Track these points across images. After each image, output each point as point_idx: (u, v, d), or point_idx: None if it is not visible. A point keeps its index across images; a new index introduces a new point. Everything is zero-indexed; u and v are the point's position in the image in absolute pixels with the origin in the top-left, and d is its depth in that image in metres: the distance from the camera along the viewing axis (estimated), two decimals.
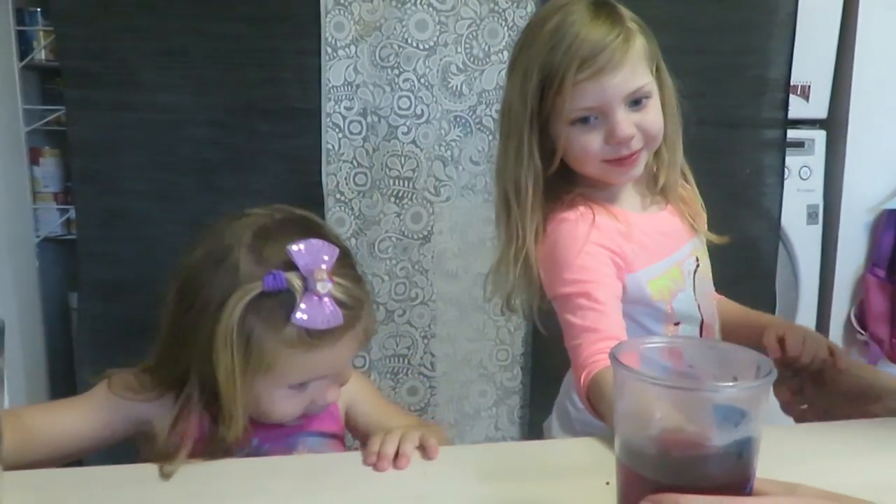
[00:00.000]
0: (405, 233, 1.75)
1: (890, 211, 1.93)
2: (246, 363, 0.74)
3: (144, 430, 0.81)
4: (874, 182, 1.93)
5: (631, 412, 0.47)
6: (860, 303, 1.96)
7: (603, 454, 0.75)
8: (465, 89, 1.72)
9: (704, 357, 0.50)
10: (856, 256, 1.96)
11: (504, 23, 1.70)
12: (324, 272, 0.74)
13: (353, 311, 0.78)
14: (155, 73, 1.61)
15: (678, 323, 0.95)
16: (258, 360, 0.75)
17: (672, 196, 0.99)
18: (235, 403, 0.75)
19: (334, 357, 0.79)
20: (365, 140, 1.71)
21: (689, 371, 0.49)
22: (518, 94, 0.88)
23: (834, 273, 1.96)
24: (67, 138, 1.63)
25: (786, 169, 1.87)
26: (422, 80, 1.69)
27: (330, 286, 0.74)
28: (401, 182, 1.73)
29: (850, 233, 1.95)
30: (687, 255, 0.98)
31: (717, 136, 1.79)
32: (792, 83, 1.82)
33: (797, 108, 1.87)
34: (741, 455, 0.44)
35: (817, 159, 1.94)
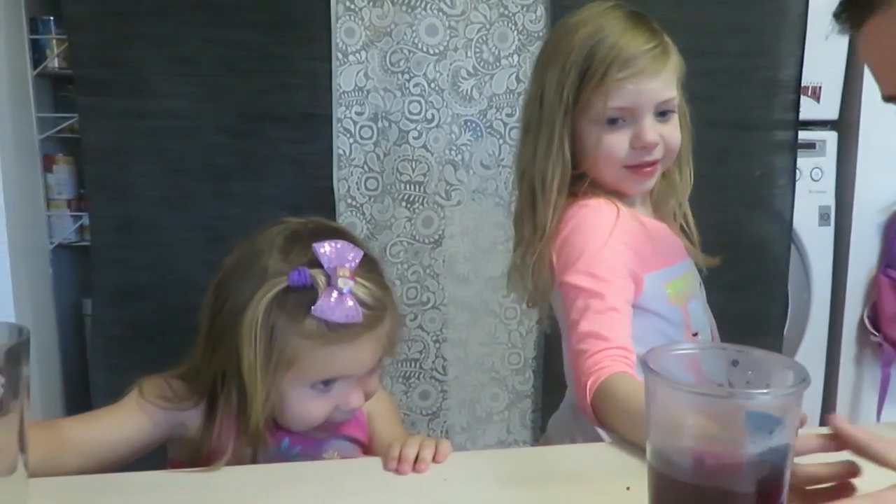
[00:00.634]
0: (416, 237, 1.75)
1: None
2: (269, 357, 0.76)
3: (177, 435, 0.82)
4: (886, 183, 1.93)
5: (663, 420, 0.46)
6: (873, 304, 1.95)
7: (623, 459, 0.75)
8: (476, 93, 1.72)
9: (738, 363, 0.49)
10: (868, 257, 1.95)
11: (514, 27, 1.70)
12: (346, 270, 0.77)
13: (375, 312, 0.79)
14: (167, 81, 1.62)
15: (696, 333, 0.94)
16: (280, 354, 0.76)
17: (668, 215, 1.00)
18: (256, 398, 0.76)
19: (354, 356, 0.80)
20: (376, 145, 1.71)
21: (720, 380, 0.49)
22: (554, 87, 0.88)
23: (846, 274, 1.95)
24: (80, 145, 1.64)
25: (797, 170, 1.86)
26: (432, 85, 1.70)
27: (351, 283, 0.77)
28: (412, 186, 1.73)
29: (863, 234, 1.94)
30: (692, 268, 0.99)
31: (728, 138, 1.79)
32: (803, 84, 1.81)
33: (808, 110, 1.87)
34: (776, 463, 0.44)
35: (829, 160, 1.94)
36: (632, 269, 0.88)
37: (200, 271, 0.97)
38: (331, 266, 0.76)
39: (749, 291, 1.81)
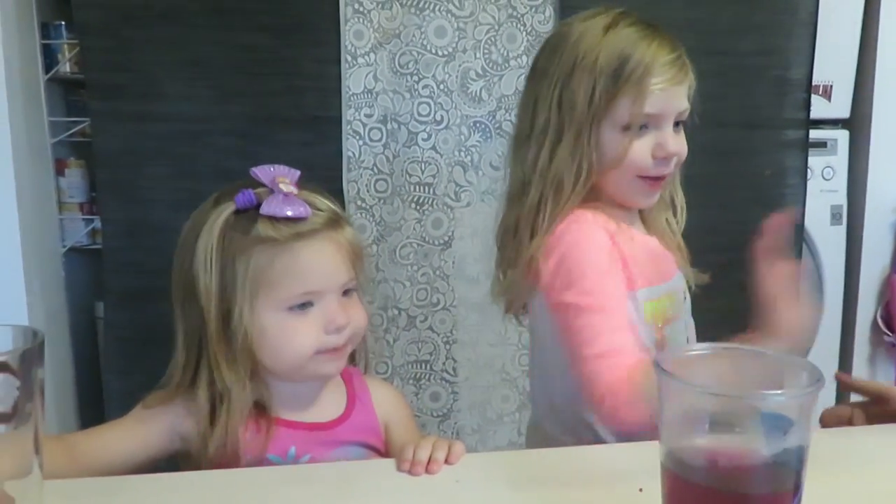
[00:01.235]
0: (426, 238, 1.75)
1: None
2: (231, 280, 0.76)
3: (184, 449, 0.82)
4: None
5: (677, 421, 0.46)
6: (886, 304, 1.93)
7: (636, 461, 0.74)
8: (485, 95, 1.72)
9: (751, 364, 0.49)
10: (881, 257, 1.94)
11: (523, 28, 1.70)
12: (286, 179, 0.78)
13: (327, 214, 0.80)
14: (177, 84, 1.63)
15: None
16: (244, 274, 0.76)
17: (659, 230, 0.99)
18: (213, 341, 0.76)
19: (319, 261, 0.78)
20: (385, 147, 1.72)
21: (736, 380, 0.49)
22: (583, 91, 0.87)
23: (859, 274, 1.94)
24: (92, 149, 1.65)
25: (808, 170, 1.85)
26: (441, 87, 1.70)
27: (294, 189, 0.78)
28: (421, 188, 1.73)
29: (875, 233, 1.93)
30: (679, 286, 0.97)
31: (739, 138, 1.78)
32: (814, 83, 1.81)
33: (819, 108, 1.86)
34: (790, 464, 0.44)
35: (840, 159, 1.93)
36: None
37: None
38: (271, 179, 0.77)
39: None
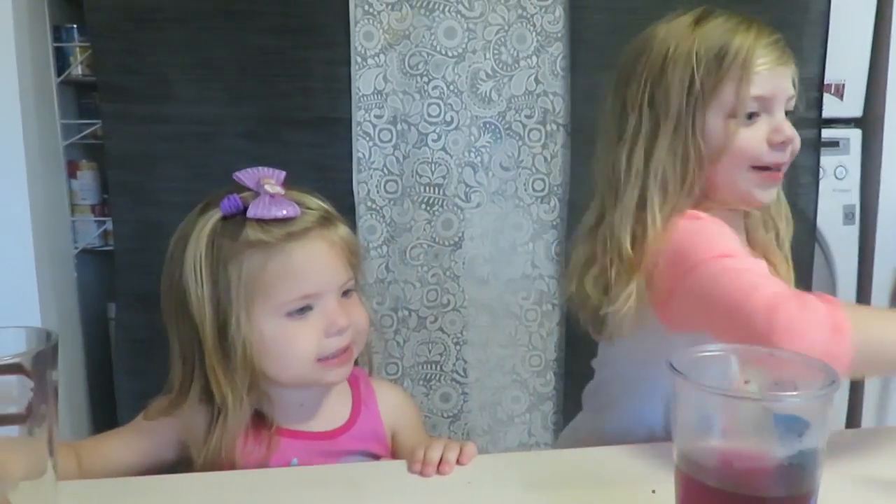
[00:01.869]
0: (436, 239, 1.75)
1: None
2: (224, 290, 0.74)
3: (185, 453, 0.81)
4: None
5: (691, 423, 0.46)
6: None
7: (648, 462, 0.74)
8: (495, 95, 1.71)
9: (765, 365, 0.49)
10: (894, 256, 1.92)
11: (532, 28, 1.70)
12: (271, 180, 0.76)
13: (318, 212, 0.77)
14: (188, 86, 1.63)
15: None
16: (235, 281, 0.74)
17: (759, 248, 0.93)
18: (210, 353, 0.74)
19: (313, 262, 0.75)
20: (395, 148, 1.72)
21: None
22: (678, 84, 0.84)
23: (872, 274, 1.92)
24: (104, 151, 1.66)
25: (821, 169, 1.84)
26: (451, 87, 1.70)
27: (280, 189, 0.76)
28: (431, 189, 1.73)
29: (888, 233, 1.91)
30: None
31: None
32: (826, 81, 1.79)
33: (831, 107, 1.84)
34: (805, 466, 0.44)
35: (853, 158, 1.91)
36: None
37: None
38: (255, 182, 0.75)
39: None
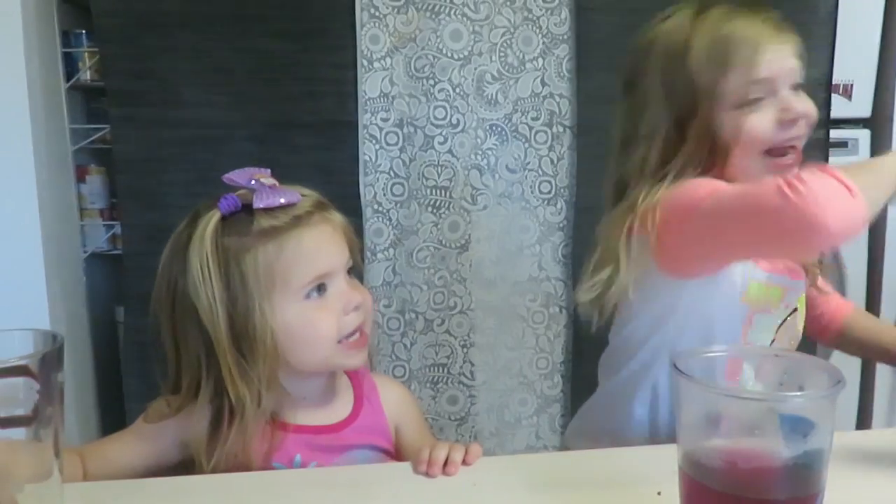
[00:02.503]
0: (443, 242, 1.75)
1: None
2: (239, 285, 0.74)
3: (188, 454, 0.81)
4: None
5: (695, 423, 0.46)
6: None
7: (653, 464, 0.74)
8: (501, 98, 1.72)
9: (770, 366, 0.48)
10: None
11: (538, 30, 1.70)
12: (263, 175, 0.78)
13: (312, 198, 0.80)
14: (196, 91, 1.64)
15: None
16: (252, 272, 0.75)
17: None
18: (226, 355, 0.74)
19: (322, 241, 0.78)
20: (401, 150, 1.72)
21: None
22: (685, 80, 0.85)
23: (881, 277, 1.91)
24: (112, 156, 1.67)
25: None
26: (457, 90, 1.70)
27: (275, 181, 0.78)
28: (438, 191, 1.73)
29: None
30: (795, 290, 0.92)
31: None
32: (834, 82, 1.78)
33: (840, 108, 1.84)
34: (811, 467, 0.43)
35: (861, 159, 1.90)
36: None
37: None
38: (248, 179, 0.77)
39: None
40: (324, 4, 1.65)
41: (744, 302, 0.88)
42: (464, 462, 0.75)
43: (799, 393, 0.45)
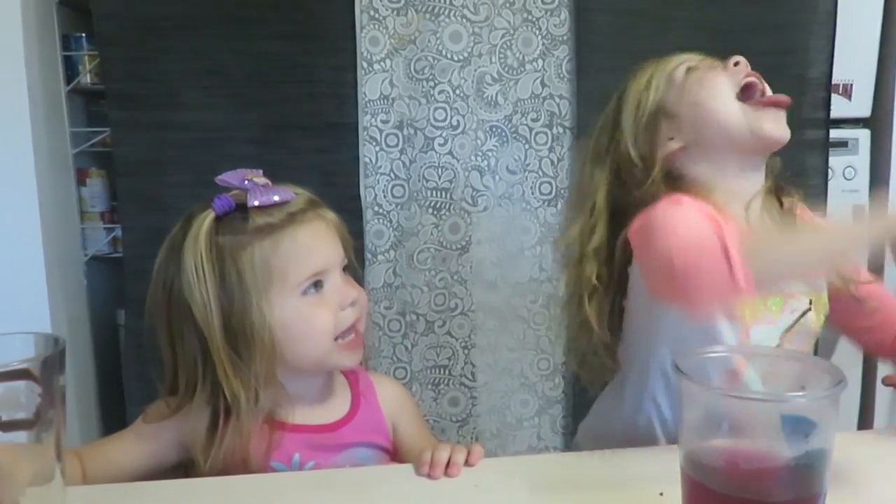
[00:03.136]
0: (443, 243, 1.75)
1: None
2: (235, 284, 0.75)
3: (188, 455, 0.81)
4: None
5: (696, 423, 0.46)
6: None
7: (655, 465, 0.74)
8: (501, 99, 1.72)
9: (772, 366, 0.48)
10: None
11: (538, 32, 1.70)
12: (255, 175, 0.79)
13: (304, 195, 0.81)
14: (196, 93, 1.64)
15: None
16: (249, 270, 0.75)
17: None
18: (220, 353, 0.74)
19: (317, 237, 0.79)
20: (402, 152, 1.72)
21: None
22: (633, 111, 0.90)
23: (883, 275, 1.90)
24: (113, 159, 1.67)
25: (829, 170, 1.83)
26: (457, 92, 1.70)
27: (268, 181, 0.79)
28: (438, 193, 1.73)
29: None
30: (802, 294, 0.89)
31: None
32: (834, 82, 1.78)
33: (840, 107, 1.83)
34: (813, 467, 0.43)
35: (862, 159, 1.90)
36: None
37: None
38: (240, 179, 0.77)
39: None
40: (323, 7, 1.65)
41: (735, 322, 0.85)
42: (466, 463, 0.75)
43: (801, 393, 0.45)
